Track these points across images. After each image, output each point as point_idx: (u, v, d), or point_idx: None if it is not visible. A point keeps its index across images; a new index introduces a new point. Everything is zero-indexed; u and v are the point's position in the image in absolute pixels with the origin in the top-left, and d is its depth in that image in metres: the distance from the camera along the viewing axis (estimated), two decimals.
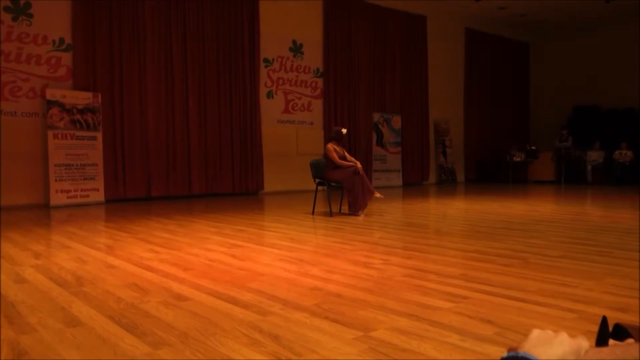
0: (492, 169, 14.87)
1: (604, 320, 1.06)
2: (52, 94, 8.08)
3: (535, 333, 0.72)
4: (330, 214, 6.65)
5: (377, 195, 6.58)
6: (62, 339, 2.07)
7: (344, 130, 6.95)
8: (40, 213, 7.22)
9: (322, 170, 6.84)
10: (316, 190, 7.05)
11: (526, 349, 0.68)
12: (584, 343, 0.71)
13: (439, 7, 13.55)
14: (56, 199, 8.01)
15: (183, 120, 9.59)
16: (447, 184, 13.88)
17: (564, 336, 0.71)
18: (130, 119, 8.98)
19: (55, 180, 8.03)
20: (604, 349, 0.73)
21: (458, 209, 7.66)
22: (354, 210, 6.56)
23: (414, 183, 13.46)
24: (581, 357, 0.70)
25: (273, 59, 10.95)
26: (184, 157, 9.61)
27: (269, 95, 10.92)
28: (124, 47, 8.86)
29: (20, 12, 7.99)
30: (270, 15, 10.70)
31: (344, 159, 6.75)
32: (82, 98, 8.34)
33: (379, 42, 12.64)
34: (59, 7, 8.30)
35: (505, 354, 0.67)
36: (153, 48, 9.21)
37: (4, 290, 2.89)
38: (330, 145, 6.76)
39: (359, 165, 6.56)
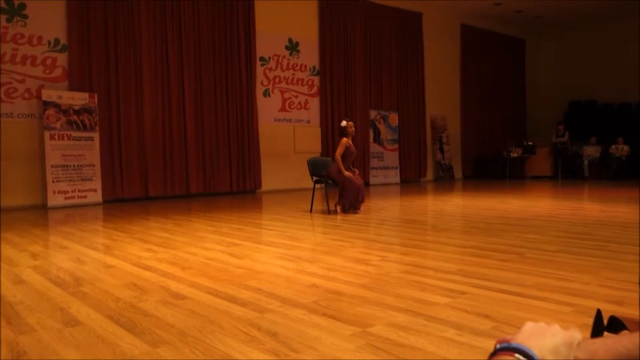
0: (489, 165, 14.90)
1: (599, 313, 1.07)
2: (48, 94, 8.06)
3: (529, 325, 0.73)
4: (328, 211, 6.65)
5: (359, 212, 6.52)
6: (61, 339, 2.07)
7: (343, 123, 6.66)
8: (37, 214, 7.21)
9: (320, 168, 6.83)
10: (314, 188, 7.06)
11: (519, 340, 0.68)
12: (577, 335, 0.72)
13: (435, 4, 13.54)
14: (53, 200, 8.00)
15: (180, 120, 9.58)
16: (444, 181, 13.90)
17: (556, 328, 0.72)
18: (126, 119, 8.96)
19: (53, 181, 8.01)
20: (597, 340, 0.73)
21: (455, 205, 7.67)
22: (340, 204, 6.51)
23: (411, 180, 13.47)
24: (574, 349, 0.70)
25: (269, 58, 10.94)
26: (181, 156, 9.60)
27: (266, 93, 10.91)
28: (119, 47, 8.84)
29: (14, 13, 7.96)
30: (266, 13, 10.68)
31: (351, 155, 6.59)
32: (79, 99, 8.32)
33: (375, 39, 12.64)
34: (53, 7, 8.27)
35: (498, 346, 0.68)
36: (149, 47, 9.19)
37: (3, 291, 2.89)
38: (344, 140, 6.49)
39: (347, 174, 6.41)
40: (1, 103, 7.89)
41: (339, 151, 6.47)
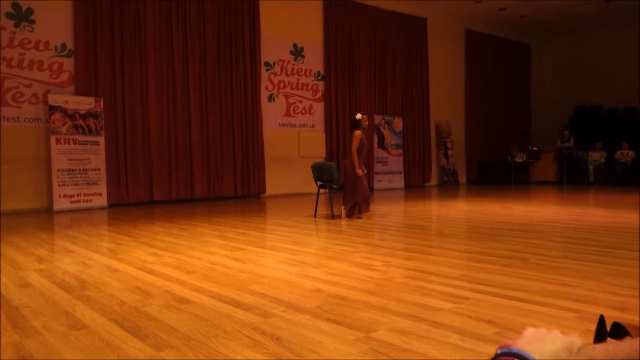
0: (494, 170, 14.87)
1: (602, 319, 1.07)
2: (55, 99, 8.11)
3: (529, 331, 0.73)
4: (332, 216, 6.66)
5: (363, 214, 6.57)
6: (66, 342, 2.09)
7: (358, 116, 6.51)
8: (43, 218, 7.25)
9: (324, 173, 6.83)
10: (318, 193, 7.07)
11: (520, 345, 0.69)
12: (577, 340, 0.73)
13: (439, 9, 13.58)
14: (59, 203, 8.04)
15: (185, 125, 9.62)
16: (449, 186, 13.88)
17: (557, 334, 0.72)
18: (132, 124, 9.01)
19: (58, 185, 8.05)
20: (597, 346, 0.74)
21: (460, 210, 7.66)
22: (346, 203, 6.54)
23: (415, 185, 13.46)
24: (574, 354, 0.71)
25: (274, 62, 10.98)
26: (186, 160, 9.63)
27: (270, 98, 10.95)
28: (125, 52, 8.90)
29: (22, 18, 8.03)
30: (271, 18, 10.73)
31: (364, 148, 6.54)
32: (84, 103, 8.37)
33: (380, 44, 12.67)
34: (60, 12, 8.34)
35: (498, 351, 0.69)
36: (154, 53, 9.24)
37: (8, 294, 2.91)
38: (358, 133, 6.41)
39: (359, 172, 6.44)
40: (8, 107, 7.94)
41: (355, 144, 6.39)
